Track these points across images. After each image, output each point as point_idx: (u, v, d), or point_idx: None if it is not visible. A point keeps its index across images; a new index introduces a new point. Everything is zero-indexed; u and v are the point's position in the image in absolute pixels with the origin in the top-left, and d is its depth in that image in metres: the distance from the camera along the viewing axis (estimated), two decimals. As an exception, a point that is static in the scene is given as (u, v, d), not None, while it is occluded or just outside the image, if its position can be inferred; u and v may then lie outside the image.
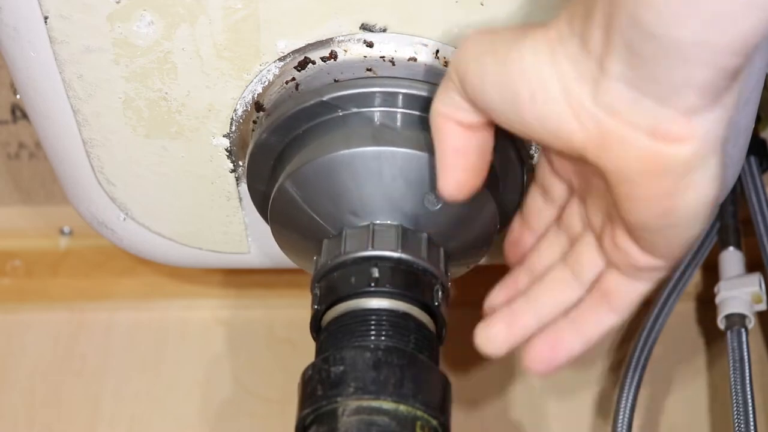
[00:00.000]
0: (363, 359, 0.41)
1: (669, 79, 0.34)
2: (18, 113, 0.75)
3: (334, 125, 0.47)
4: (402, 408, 0.40)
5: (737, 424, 0.60)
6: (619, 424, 0.62)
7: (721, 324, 0.65)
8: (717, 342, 0.72)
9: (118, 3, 0.46)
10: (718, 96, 0.35)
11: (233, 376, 0.74)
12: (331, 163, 0.46)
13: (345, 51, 0.47)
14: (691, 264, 0.68)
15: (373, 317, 0.44)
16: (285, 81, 0.48)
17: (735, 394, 0.61)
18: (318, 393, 0.41)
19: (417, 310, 0.45)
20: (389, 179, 0.46)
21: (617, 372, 0.66)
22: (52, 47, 0.48)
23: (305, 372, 0.43)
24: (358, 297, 0.44)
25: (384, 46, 0.47)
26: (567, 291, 0.45)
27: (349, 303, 0.44)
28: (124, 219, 0.57)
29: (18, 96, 0.53)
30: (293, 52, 0.48)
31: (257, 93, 0.49)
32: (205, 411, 0.72)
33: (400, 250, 0.45)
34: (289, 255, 0.52)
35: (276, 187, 0.48)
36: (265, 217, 0.52)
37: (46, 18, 0.47)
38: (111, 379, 0.74)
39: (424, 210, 0.46)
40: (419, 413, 0.41)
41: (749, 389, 0.61)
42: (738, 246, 0.68)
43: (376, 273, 0.45)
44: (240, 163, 0.53)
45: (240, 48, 0.47)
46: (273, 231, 0.50)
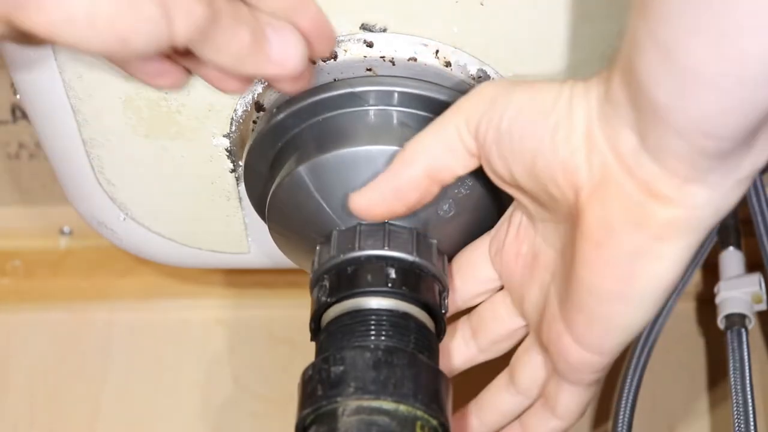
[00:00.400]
0: (363, 359, 0.41)
1: (657, 140, 0.35)
2: (18, 113, 0.75)
3: (359, 118, 0.48)
4: (402, 408, 0.40)
5: (737, 424, 0.60)
6: (619, 424, 0.62)
7: (721, 324, 0.65)
8: (717, 342, 0.71)
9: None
10: (703, 173, 0.35)
11: (233, 376, 0.74)
12: (354, 157, 0.46)
13: (345, 51, 0.47)
14: (691, 264, 0.68)
15: (373, 317, 0.44)
16: (285, 81, 0.48)
17: (735, 394, 0.61)
18: (318, 393, 0.41)
19: (417, 310, 0.45)
20: None
21: (617, 372, 0.66)
22: (52, 47, 0.48)
23: (305, 372, 0.43)
24: (363, 296, 0.44)
25: (384, 46, 0.47)
26: (506, 397, 0.47)
27: (352, 302, 0.44)
28: (124, 219, 0.57)
29: (18, 96, 0.53)
30: (293, 52, 0.48)
31: (257, 93, 0.49)
32: (205, 411, 0.72)
33: (415, 253, 0.45)
34: (284, 247, 0.51)
35: (286, 174, 0.48)
36: (262, 208, 0.51)
37: (46, 18, 0.47)
38: (111, 379, 0.74)
39: (436, 216, 0.46)
40: (419, 413, 0.41)
41: (749, 389, 0.61)
42: (738, 246, 0.68)
43: (392, 274, 0.44)
44: (240, 163, 0.53)
45: (240, 48, 0.47)
46: (270, 221, 0.50)
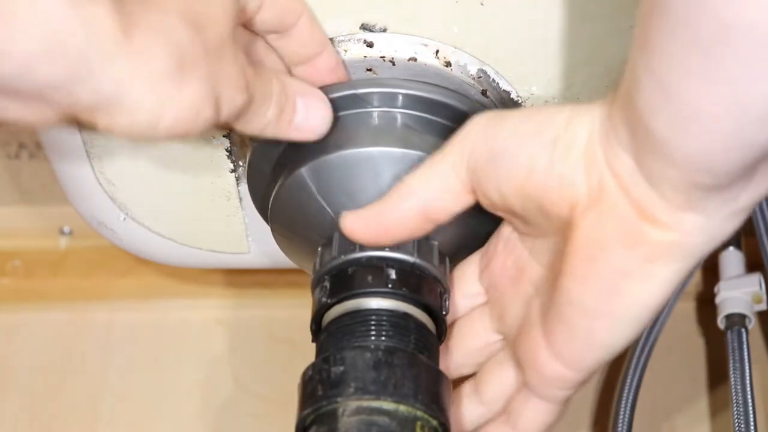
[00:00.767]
0: (363, 359, 0.41)
1: (653, 169, 0.35)
2: (18, 113, 0.75)
3: (361, 120, 0.48)
4: (402, 408, 0.40)
5: (737, 424, 0.60)
6: (619, 424, 0.62)
7: (721, 324, 0.65)
8: (717, 342, 0.72)
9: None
10: (698, 202, 0.35)
11: (233, 376, 0.74)
12: (356, 158, 0.46)
13: (345, 51, 0.47)
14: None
15: (374, 317, 0.44)
16: (285, 81, 0.48)
17: (735, 394, 0.61)
18: (318, 393, 0.41)
19: (417, 310, 0.45)
20: None
21: (617, 372, 0.66)
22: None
23: (305, 372, 0.43)
24: (364, 297, 0.44)
25: (384, 46, 0.47)
26: (468, 407, 0.47)
27: (352, 302, 0.44)
28: (124, 219, 0.57)
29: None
30: (293, 52, 0.48)
31: (257, 93, 0.49)
32: (205, 411, 0.72)
33: (416, 254, 0.45)
34: (287, 249, 0.51)
35: (288, 176, 0.48)
36: (264, 210, 0.51)
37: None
38: (111, 379, 0.74)
39: None
40: (419, 413, 0.41)
41: (749, 389, 0.61)
42: (738, 246, 0.68)
43: (393, 275, 0.44)
44: (240, 163, 0.53)
45: (240, 48, 0.47)
46: (273, 222, 0.50)
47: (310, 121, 0.45)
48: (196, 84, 0.37)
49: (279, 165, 0.49)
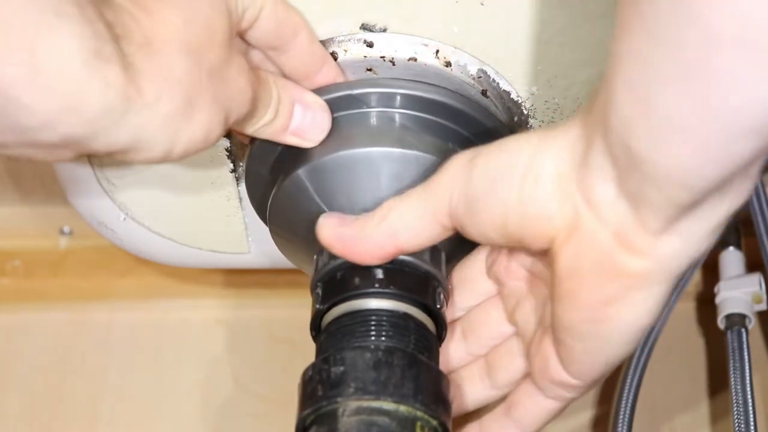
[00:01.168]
0: (363, 359, 0.41)
1: (632, 188, 0.35)
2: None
3: (359, 121, 0.48)
4: (402, 408, 0.40)
5: (737, 424, 0.60)
6: (619, 424, 0.62)
7: (721, 324, 0.65)
8: (717, 342, 0.72)
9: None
10: (676, 223, 0.35)
11: (233, 376, 0.74)
12: (353, 159, 0.46)
13: (345, 51, 0.47)
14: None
15: (373, 318, 0.44)
16: (285, 81, 0.48)
17: (735, 394, 0.61)
18: (318, 393, 0.41)
19: (417, 310, 0.45)
20: (408, 181, 0.46)
21: (617, 372, 0.66)
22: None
23: (305, 372, 0.43)
24: (359, 297, 0.44)
25: (384, 46, 0.47)
26: (478, 386, 0.47)
27: (350, 303, 0.44)
28: (124, 219, 0.57)
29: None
30: (293, 52, 0.48)
31: (257, 93, 0.49)
32: (205, 411, 0.72)
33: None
34: (286, 250, 0.51)
35: (286, 178, 0.48)
36: (262, 212, 0.51)
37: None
38: (111, 379, 0.74)
39: None
40: (419, 414, 0.41)
41: (749, 389, 0.61)
42: (738, 246, 0.68)
43: (380, 274, 0.44)
44: (240, 163, 0.53)
45: (240, 48, 0.47)
46: (271, 224, 0.50)
47: (305, 128, 0.46)
48: (204, 111, 0.38)
49: (276, 167, 0.49)
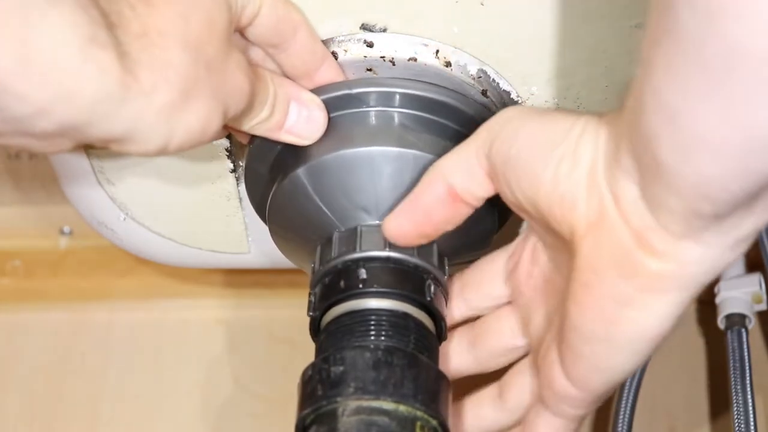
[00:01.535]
0: (363, 359, 0.41)
1: (655, 194, 0.35)
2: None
3: (357, 120, 0.48)
4: (402, 408, 0.40)
5: (737, 424, 0.60)
6: (619, 424, 0.62)
7: (721, 324, 0.65)
8: (717, 342, 0.71)
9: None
10: (698, 231, 0.35)
11: (233, 376, 0.74)
12: (352, 158, 0.46)
13: (345, 51, 0.47)
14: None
15: (373, 317, 0.44)
16: (285, 81, 0.48)
17: (735, 394, 0.61)
18: (318, 393, 0.41)
19: (416, 309, 0.45)
20: (407, 180, 0.46)
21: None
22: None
23: (305, 372, 0.43)
24: (351, 299, 0.44)
25: (384, 46, 0.47)
26: (490, 412, 0.47)
27: (348, 304, 0.44)
28: (124, 219, 0.57)
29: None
30: (293, 52, 0.48)
31: (257, 93, 0.49)
32: (205, 411, 0.72)
33: (387, 248, 0.45)
34: (286, 250, 0.51)
35: (285, 178, 0.48)
36: (262, 212, 0.51)
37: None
38: (111, 379, 0.74)
39: None
40: (419, 413, 0.41)
41: (749, 389, 0.61)
42: (738, 246, 0.68)
43: (363, 274, 0.45)
44: (240, 163, 0.53)
45: (240, 48, 0.47)
46: (271, 223, 0.50)
47: (301, 126, 0.46)
48: (202, 104, 0.38)
49: (275, 167, 0.49)
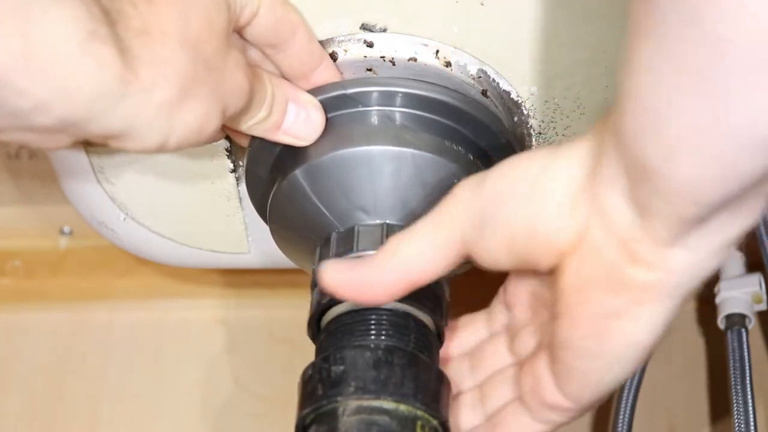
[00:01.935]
0: (363, 359, 0.41)
1: (642, 200, 0.34)
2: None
3: (354, 120, 0.48)
4: (402, 407, 0.40)
5: (737, 424, 0.60)
6: (619, 424, 0.62)
7: (721, 324, 0.65)
8: (717, 342, 0.71)
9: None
10: (684, 237, 0.34)
11: (233, 376, 0.74)
12: (350, 158, 0.46)
13: (345, 51, 0.47)
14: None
15: (373, 316, 0.44)
16: (285, 81, 0.48)
17: (735, 394, 0.61)
18: (318, 392, 0.41)
19: (417, 309, 0.45)
20: (405, 179, 0.46)
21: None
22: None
23: (305, 371, 0.43)
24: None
25: (384, 46, 0.47)
26: (471, 418, 0.46)
27: (349, 302, 0.44)
28: (124, 219, 0.57)
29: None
30: (294, 52, 0.48)
31: (257, 93, 0.49)
32: (205, 411, 0.72)
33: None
34: (286, 249, 0.51)
35: (284, 179, 0.48)
36: (262, 212, 0.51)
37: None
38: (111, 379, 0.74)
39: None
40: (420, 413, 0.41)
41: (749, 389, 0.61)
42: (738, 246, 0.68)
43: None
44: (240, 163, 0.53)
45: (240, 48, 0.47)
46: (271, 223, 0.50)
47: (299, 127, 0.46)
48: (201, 102, 0.38)
49: (275, 167, 0.49)
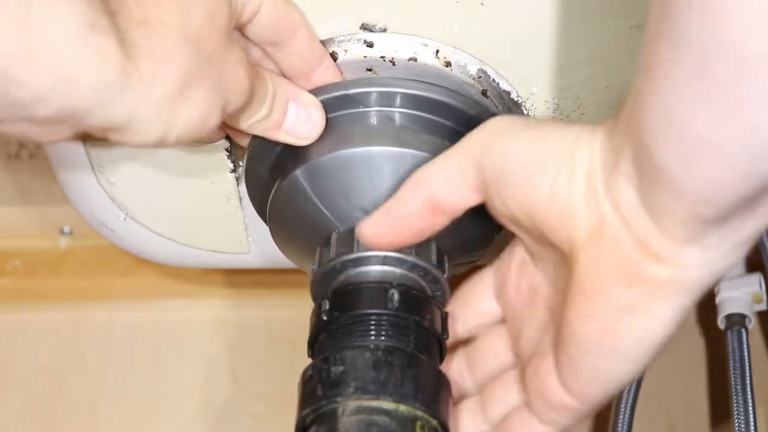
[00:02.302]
0: (363, 359, 0.41)
1: (656, 200, 0.34)
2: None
3: (355, 120, 0.48)
4: (402, 408, 0.40)
5: (737, 424, 0.60)
6: (619, 424, 0.62)
7: (721, 324, 0.65)
8: (717, 342, 0.72)
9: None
10: (700, 235, 0.34)
11: (233, 376, 0.74)
12: (350, 158, 0.46)
13: (345, 51, 0.47)
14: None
15: (373, 317, 0.44)
16: (285, 81, 0.48)
17: (735, 394, 0.61)
18: (318, 393, 0.41)
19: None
20: (406, 179, 0.46)
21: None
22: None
23: (305, 372, 0.43)
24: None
25: (384, 46, 0.47)
26: (472, 424, 0.46)
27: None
28: (124, 219, 0.57)
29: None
30: (293, 52, 0.48)
31: (257, 93, 0.49)
32: (205, 411, 0.72)
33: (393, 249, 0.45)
34: (286, 250, 0.51)
35: (284, 179, 0.48)
36: (262, 212, 0.51)
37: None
38: (111, 379, 0.74)
39: None
40: (419, 413, 0.41)
41: (749, 389, 0.61)
42: (738, 246, 0.68)
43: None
44: (240, 163, 0.53)
45: (240, 48, 0.47)
46: (271, 223, 0.50)
47: (299, 127, 0.46)
48: (201, 96, 0.38)
49: (275, 167, 0.49)
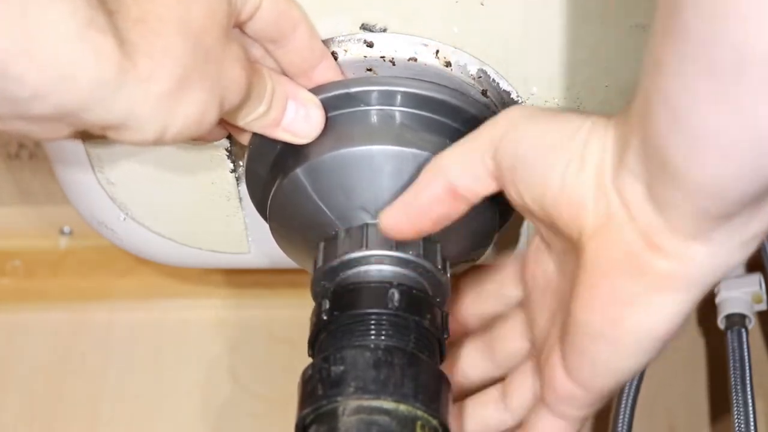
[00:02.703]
0: (363, 359, 0.41)
1: (663, 195, 0.35)
2: (18, 113, 0.75)
3: (356, 119, 0.48)
4: (402, 408, 0.40)
5: (737, 424, 0.60)
6: (619, 424, 0.62)
7: (721, 324, 0.65)
8: (717, 342, 0.72)
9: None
10: (706, 232, 0.35)
11: (233, 376, 0.74)
12: (350, 157, 0.46)
13: (345, 51, 0.47)
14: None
15: (373, 316, 0.44)
16: (285, 81, 0.48)
17: (735, 394, 0.61)
18: (318, 392, 0.41)
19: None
20: (406, 179, 0.46)
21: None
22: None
23: (305, 371, 0.43)
24: None
25: (384, 46, 0.47)
26: (494, 412, 0.46)
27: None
28: (124, 219, 0.57)
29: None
30: (294, 51, 0.48)
31: (257, 93, 0.49)
32: (205, 411, 0.72)
33: (394, 248, 0.45)
34: (287, 249, 0.51)
35: (285, 178, 0.48)
36: (263, 211, 0.51)
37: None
38: (111, 379, 0.74)
39: None
40: (419, 413, 0.41)
41: (749, 389, 0.61)
42: (738, 246, 0.68)
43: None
44: (240, 163, 0.53)
45: (240, 48, 0.47)
46: (271, 222, 0.50)
47: (298, 125, 0.46)
48: (199, 93, 0.38)
49: (275, 166, 0.49)
